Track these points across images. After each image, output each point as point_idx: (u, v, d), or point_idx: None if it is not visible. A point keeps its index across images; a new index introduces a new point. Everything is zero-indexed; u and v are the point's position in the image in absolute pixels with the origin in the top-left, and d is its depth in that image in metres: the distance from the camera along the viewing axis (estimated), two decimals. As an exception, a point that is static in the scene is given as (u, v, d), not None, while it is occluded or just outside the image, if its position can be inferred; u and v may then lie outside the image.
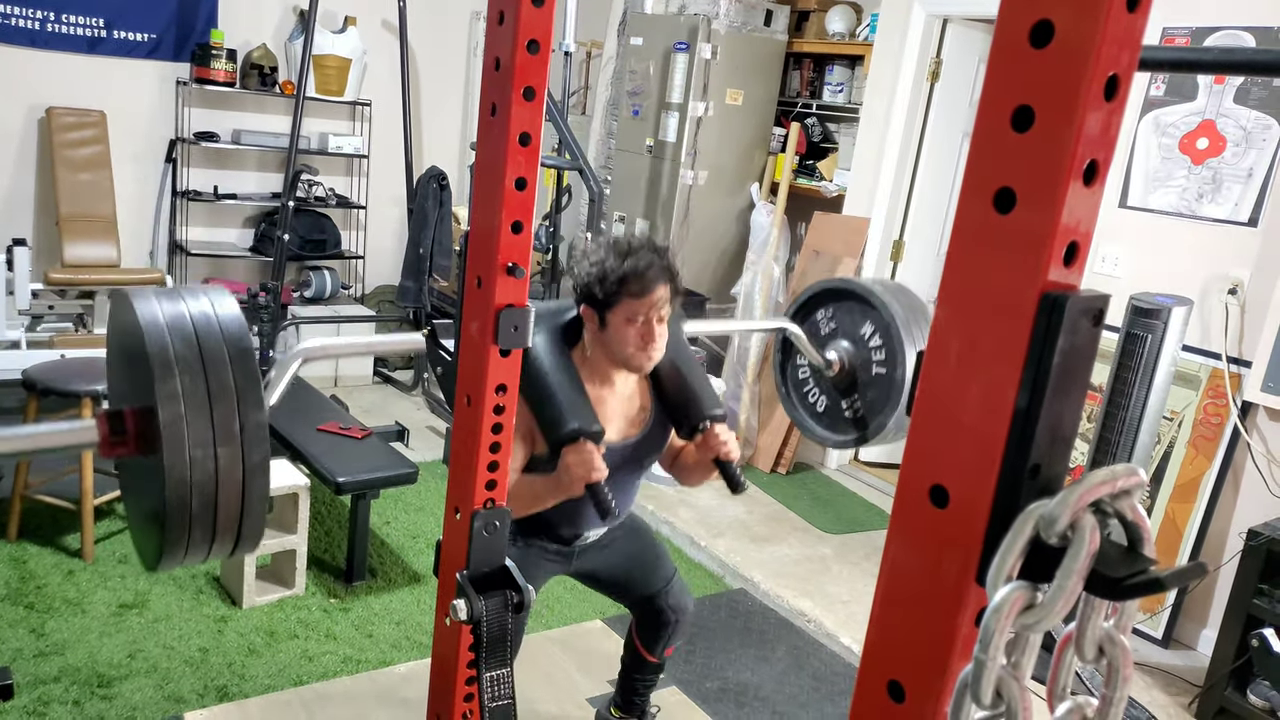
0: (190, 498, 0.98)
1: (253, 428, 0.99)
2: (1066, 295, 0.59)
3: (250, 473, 1.00)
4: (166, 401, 0.95)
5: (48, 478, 3.24)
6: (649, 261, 1.76)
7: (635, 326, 1.78)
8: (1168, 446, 3.29)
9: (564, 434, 1.69)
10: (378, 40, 5.30)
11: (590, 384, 1.83)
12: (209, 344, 1.00)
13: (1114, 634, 0.61)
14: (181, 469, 0.96)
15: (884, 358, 1.91)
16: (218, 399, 0.98)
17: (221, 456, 0.98)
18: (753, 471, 4.49)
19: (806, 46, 4.81)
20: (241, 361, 1.00)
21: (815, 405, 2.10)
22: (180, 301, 1.03)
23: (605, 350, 1.83)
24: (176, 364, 0.97)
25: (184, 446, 0.96)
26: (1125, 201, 3.47)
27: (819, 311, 2.01)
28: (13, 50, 4.47)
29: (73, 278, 4.34)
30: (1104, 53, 0.58)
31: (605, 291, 1.77)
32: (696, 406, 1.89)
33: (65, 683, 2.51)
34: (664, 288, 1.78)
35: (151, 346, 0.97)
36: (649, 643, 2.23)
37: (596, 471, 1.67)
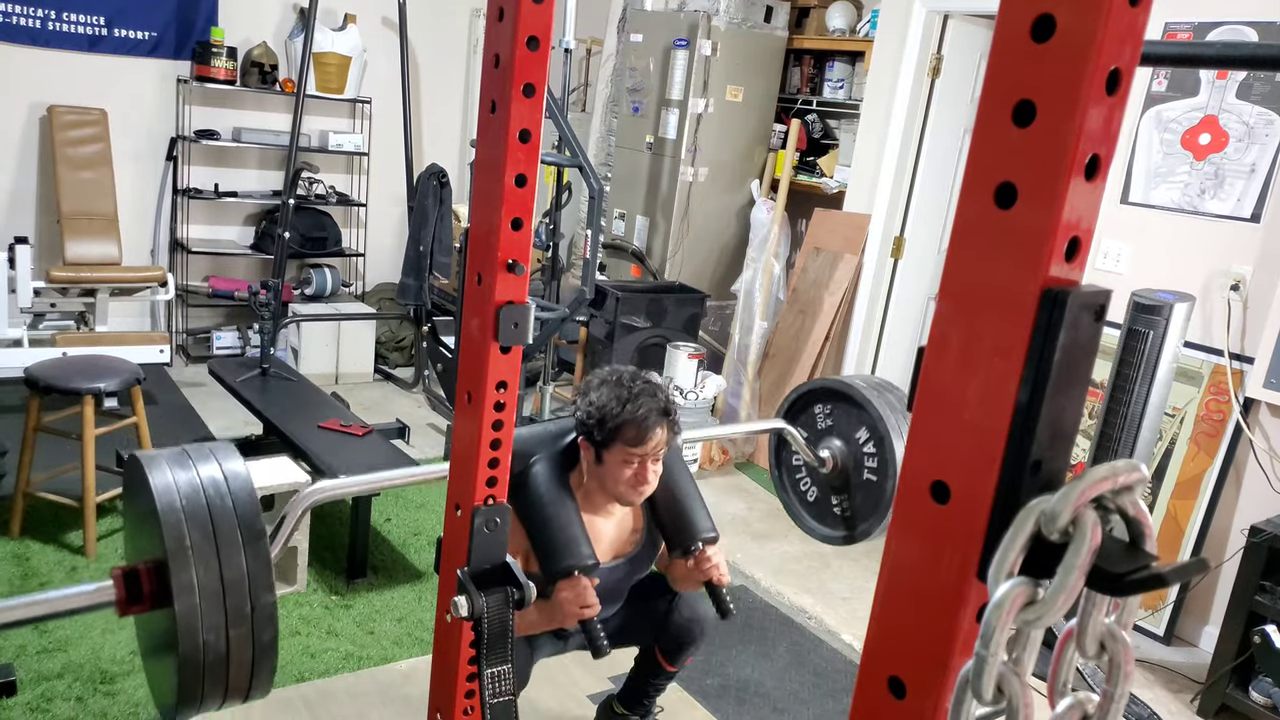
0: (203, 677, 1.05)
1: (262, 609, 1.05)
2: (1068, 290, 0.59)
3: (260, 652, 1.07)
4: (182, 593, 1.01)
5: (50, 474, 3.25)
6: (647, 410, 1.80)
7: (630, 469, 1.83)
8: (1169, 443, 3.29)
9: (559, 569, 1.74)
10: (378, 38, 5.29)
11: (585, 508, 1.89)
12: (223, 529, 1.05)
13: (1115, 630, 0.61)
14: (195, 654, 1.03)
15: (876, 465, 1.94)
16: (231, 587, 1.04)
17: (233, 639, 1.04)
18: (753, 468, 4.49)
19: (807, 43, 4.81)
20: (253, 544, 1.05)
21: (806, 494, 2.12)
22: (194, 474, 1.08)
23: (599, 483, 1.89)
24: (193, 554, 1.03)
25: (198, 634, 1.03)
26: (1127, 197, 3.46)
27: (817, 406, 2.03)
28: (14, 49, 4.47)
29: (74, 275, 4.34)
30: (1106, 47, 0.57)
31: (603, 435, 1.82)
32: (689, 530, 1.94)
33: (68, 679, 2.52)
34: (661, 432, 1.83)
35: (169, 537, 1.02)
36: (671, 655, 2.24)
37: (589, 609, 1.72)
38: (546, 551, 1.77)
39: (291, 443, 3.22)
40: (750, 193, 4.84)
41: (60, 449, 3.33)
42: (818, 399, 2.03)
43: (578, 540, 1.77)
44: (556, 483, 1.85)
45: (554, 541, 1.76)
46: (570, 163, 4.02)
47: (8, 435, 3.48)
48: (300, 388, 3.85)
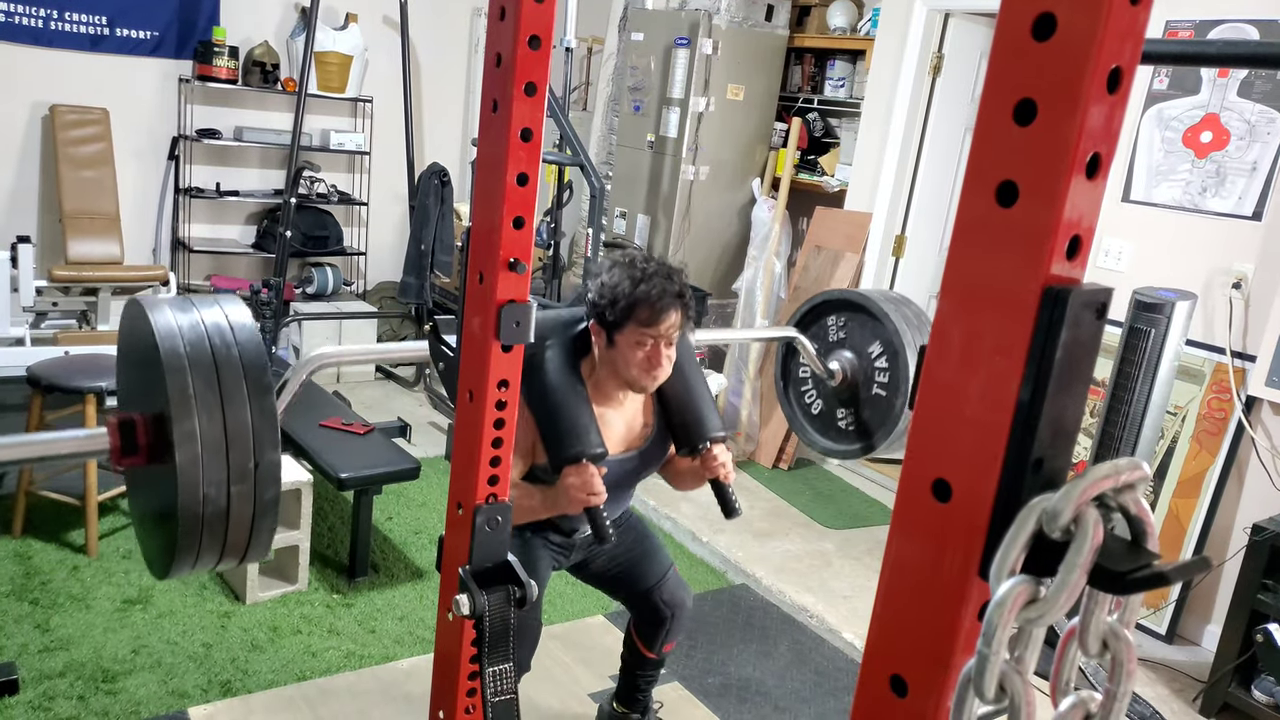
0: (201, 531, 0.99)
1: (266, 467, 1.00)
2: (1069, 289, 0.59)
3: (261, 510, 1.02)
4: (184, 443, 0.95)
5: (52, 473, 3.25)
6: (661, 289, 1.75)
7: (642, 351, 1.77)
8: (1171, 441, 3.29)
9: (567, 455, 1.70)
10: (379, 37, 5.29)
11: (595, 398, 1.84)
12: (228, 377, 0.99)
13: (1118, 628, 0.61)
14: (194, 507, 0.97)
15: (887, 380, 1.90)
16: (234, 441, 0.98)
17: (234, 495, 0.99)
18: (754, 467, 4.49)
19: (808, 41, 4.80)
20: (259, 398, 0.99)
21: (810, 408, 2.09)
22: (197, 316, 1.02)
23: (611, 368, 1.84)
24: (195, 401, 0.96)
25: (198, 487, 0.97)
26: (1128, 196, 3.46)
27: (831, 317, 1.99)
28: (16, 48, 4.47)
29: (76, 275, 4.34)
30: (1106, 45, 0.57)
31: (616, 315, 1.77)
32: (698, 427, 1.90)
33: (70, 678, 2.52)
34: (675, 314, 1.78)
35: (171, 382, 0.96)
36: (648, 639, 2.23)
37: (595, 496, 1.69)
38: (554, 438, 1.72)
39: (293, 441, 3.22)
40: (751, 191, 4.84)
41: (62, 448, 3.33)
42: (832, 310, 1.98)
43: (587, 428, 1.72)
44: (567, 369, 1.79)
45: (562, 428, 1.71)
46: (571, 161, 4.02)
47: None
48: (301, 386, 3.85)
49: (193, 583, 3.03)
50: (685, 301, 1.79)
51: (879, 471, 4.55)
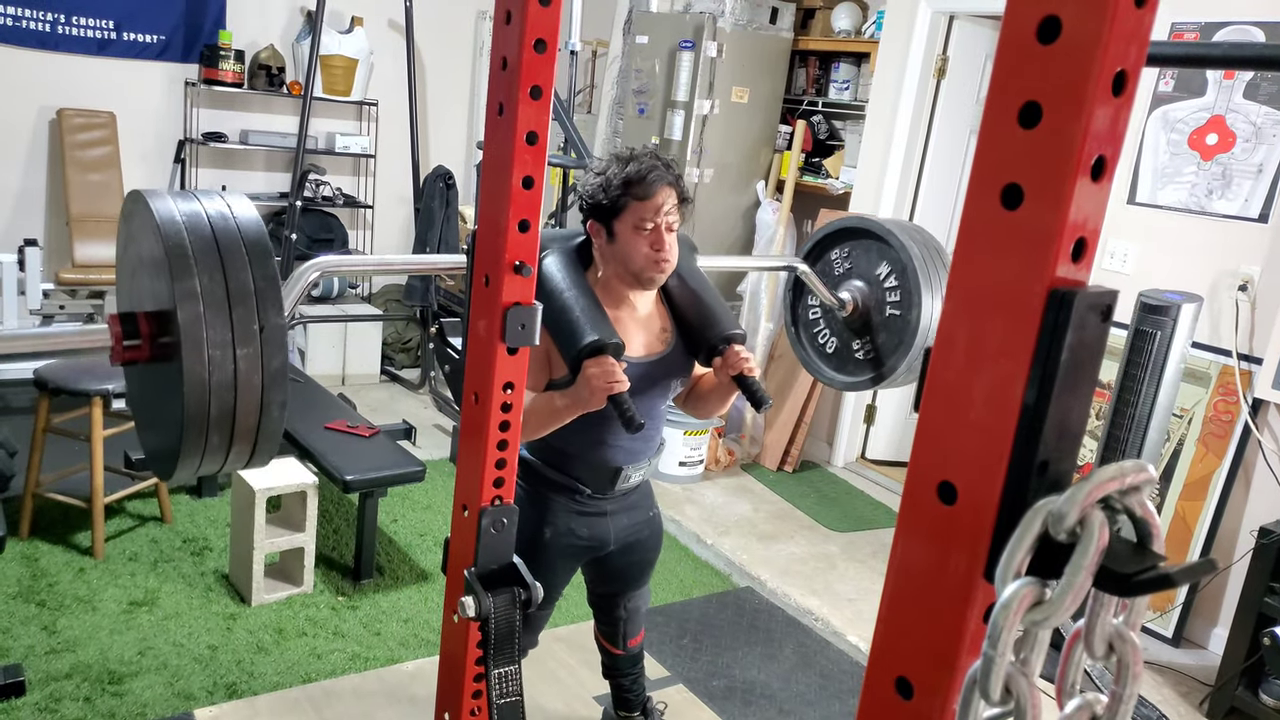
0: (209, 402, 0.94)
1: (272, 330, 0.96)
2: (1074, 291, 0.59)
3: (270, 378, 0.96)
4: (185, 300, 0.91)
5: (59, 475, 3.26)
6: (651, 165, 1.72)
7: (644, 234, 1.72)
8: (1177, 444, 3.28)
9: (583, 347, 1.62)
10: (384, 40, 5.30)
11: (607, 305, 1.76)
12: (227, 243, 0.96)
13: (1124, 631, 0.61)
14: (200, 371, 0.92)
15: (899, 299, 1.88)
16: (237, 300, 0.94)
17: (240, 359, 0.94)
18: (759, 469, 4.49)
19: (812, 44, 4.81)
20: (260, 262, 0.96)
21: (825, 346, 2.06)
22: (196, 202, 1.00)
23: (616, 267, 1.78)
24: (194, 261, 0.93)
25: (203, 348, 0.92)
26: (1134, 198, 3.45)
27: (834, 251, 1.97)
28: (24, 52, 4.49)
29: (83, 278, 4.36)
30: (1111, 48, 0.57)
31: (610, 198, 1.71)
32: (715, 327, 1.83)
33: (77, 679, 2.53)
34: (669, 190, 1.73)
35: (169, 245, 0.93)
36: (609, 637, 2.23)
37: (618, 383, 1.60)
38: (568, 337, 1.65)
39: (298, 443, 3.23)
40: (756, 194, 4.84)
41: (69, 450, 3.35)
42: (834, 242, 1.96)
43: (599, 320, 1.66)
44: (572, 271, 1.74)
45: (575, 324, 1.64)
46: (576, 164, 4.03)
47: (17, 436, 3.49)
48: (307, 389, 3.86)
49: (198, 584, 3.04)
50: (678, 178, 1.76)
51: (884, 474, 4.54)
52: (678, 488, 4.15)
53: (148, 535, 3.29)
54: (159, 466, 1.08)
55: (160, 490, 3.39)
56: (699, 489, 4.18)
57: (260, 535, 2.91)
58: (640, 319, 1.86)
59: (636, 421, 1.59)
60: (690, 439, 4.17)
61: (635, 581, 2.15)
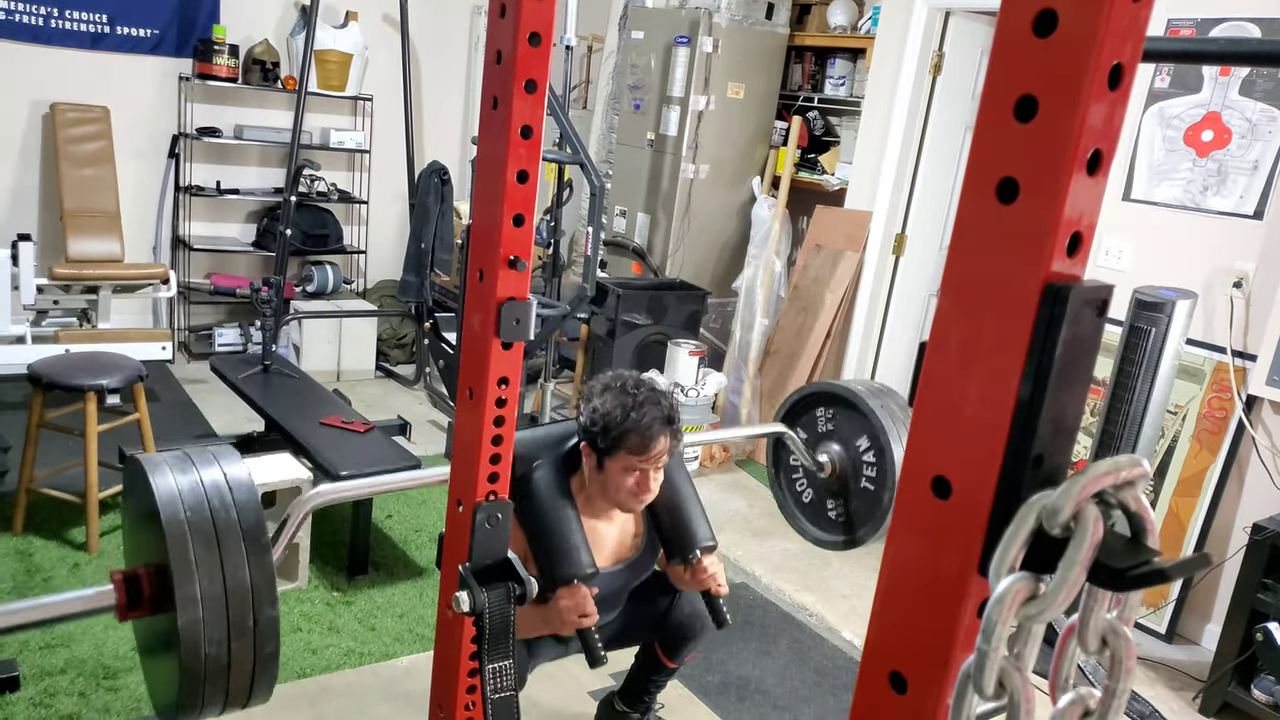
0: (203, 687, 1.04)
1: (265, 623, 1.06)
2: (1069, 286, 0.59)
3: (262, 663, 1.07)
4: (185, 605, 1.01)
5: (53, 471, 3.25)
6: (651, 419, 1.80)
7: (632, 477, 1.83)
8: (1171, 440, 3.29)
9: (559, 577, 1.75)
10: (379, 35, 5.29)
11: (586, 511, 1.89)
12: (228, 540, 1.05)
13: (1117, 625, 0.61)
14: (196, 666, 1.02)
15: (875, 475, 1.94)
16: (234, 601, 1.03)
17: (235, 648, 1.04)
18: (754, 466, 4.49)
19: (808, 40, 4.80)
20: (257, 557, 1.05)
21: (802, 496, 2.13)
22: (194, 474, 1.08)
23: (600, 488, 1.89)
24: (196, 567, 1.02)
25: (200, 647, 1.02)
26: (1129, 194, 3.46)
27: (819, 409, 2.02)
28: (17, 46, 4.47)
29: (77, 273, 4.34)
30: (1108, 42, 0.57)
31: (606, 442, 1.82)
32: (688, 539, 1.95)
33: (71, 675, 2.52)
34: (665, 440, 1.83)
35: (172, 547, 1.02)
36: (671, 652, 2.24)
37: (587, 618, 1.73)
38: (547, 558, 1.77)
39: (293, 439, 3.22)
40: (751, 190, 4.84)
41: (63, 445, 3.33)
42: (820, 403, 2.03)
43: (578, 549, 1.78)
44: (558, 489, 1.85)
45: (554, 549, 1.77)
46: (571, 160, 4.02)
47: (11, 432, 3.48)
48: (302, 384, 3.85)
49: (193, 580, 3.03)
50: (675, 428, 1.85)
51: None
52: (673, 484, 4.14)
53: (142, 531, 3.28)
54: (159, 710, 1.20)
55: (154, 486, 3.37)
56: (694, 485, 4.18)
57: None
58: (616, 525, 1.99)
59: (600, 659, 1.72)
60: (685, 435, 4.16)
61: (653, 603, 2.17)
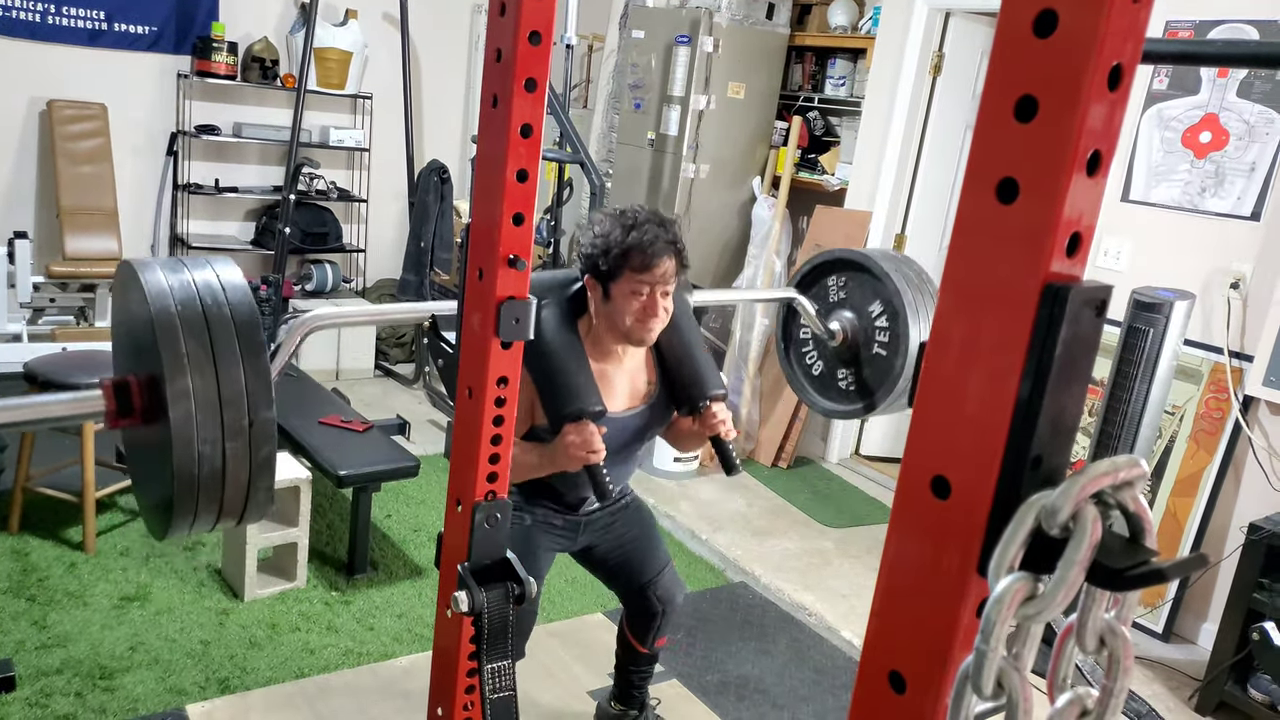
0: (197, 491, 0.99)
1: (261, 424, 1.00)
2: (1069, 286, 0.59)
3: (257, 469, 1.01)
4: (177, 401, 0.95)
5: (49, 470, 3.25)
6: (654, 235, 1.75)
7: (638, 300, 1.76)
8: (1169, 441, 3.29)
9: (565, 413, 1.69)
10: (379, 33, 5.29)
11: (594, 356, 1.82)
12: (221, 339, 1.00)
13: (1115, 625, 0.61)
14: (190, 466, 0.97)
15: (888, 340, 1.90)
16: (229, 402, 0.98)
17: (229, 451, 0.99)
18: (753, 465, 4.49)
19: (809, 40, 4.80)
20: (253, 359, 1.00)
21: (812, 369, 2.09)
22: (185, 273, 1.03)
23: (608, 322, 1.82)
24: (189, 362, 0.97)
25: (193, 445, 0.97)
26: (1128, 195, 3.46)
27: (831, 278, 1.99)
28: (14, 43, 4.47)
29: (74, 270, 4.34)
30: (1108, 43, 0.57)
31: (609, 264, 1.76)
32: (698, 385, 1.88)
33: (67, 674, 2.52)
34: (668, 261, 1.76)
35: (163, 341, 0.97)
36: (639, 634, 2.24)
37: (595, 453, 1.68)
38: (552, 397, 1.71)
39: (292, 438, 3.22)
40: (751, 190, 4.84)
41: (59, 444, 3.33)
42: (832, 270, 1.99)
43: (585, 386, 1.72)
44: (564, 328, 1.78)
45: (560, 387, 1.70)
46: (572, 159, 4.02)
47: (7, 430, 3.48)
48: (300, 384, 3.85)
49: (191, 579, 3.03)
50: (678, 248, 1.78)
51: (879, 471, 4.55)
52: (672, 483, 4.15)
53: (139, 530, 3.28)
54: (152, 522, 1.13)
55: (152, 484, 3.38)
56: (693, 485, 4.18)
57: (253, 530, 2.90)
58: (626, 371, 1.92)
59: (608, 493, 1.69)
60: (684, 434, 4.16)
61: (645, 559, 2.16)
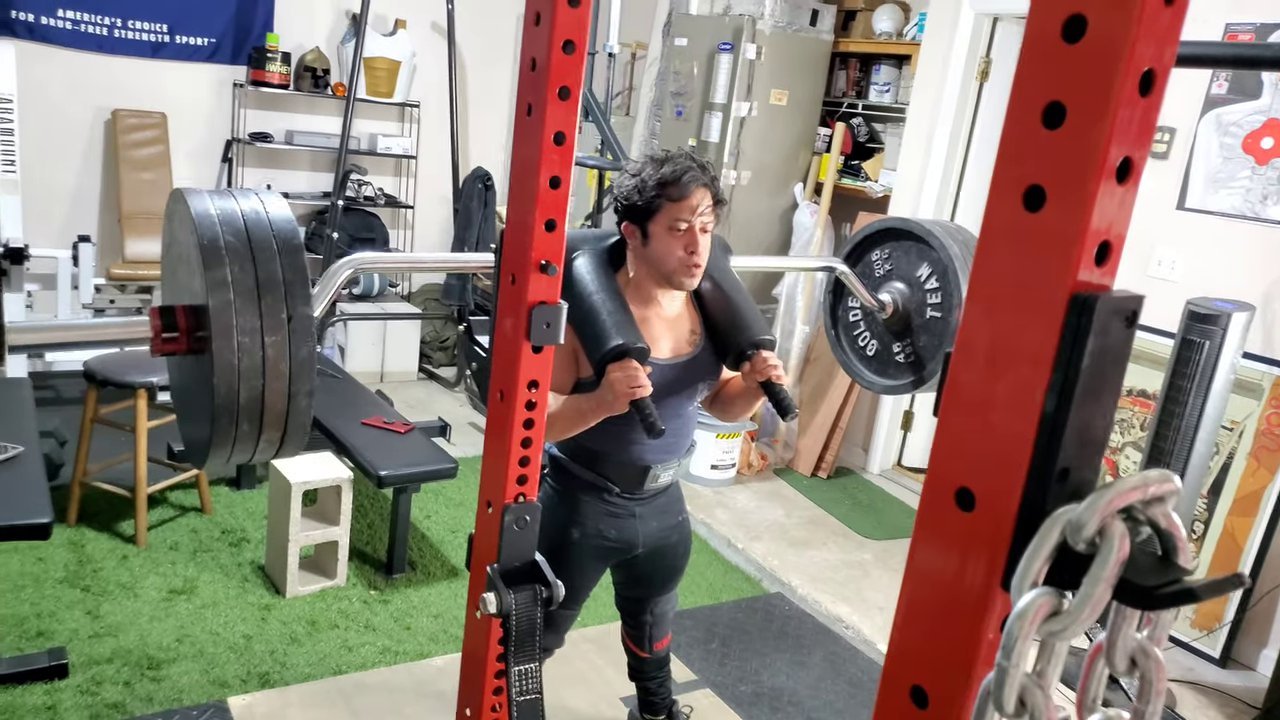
0: (238, 388, 0.98)
1: (300, 320, 0.99)
2: (1097, 295, 0.57)
3: (298, 366, 1.00)
4: (215, 289, 0.96)
5: (105, 465, 3.34)
6: (686, 166, 1.73)
7: (678, 236, 1.73)
8: (1227, 458, 3.19)
9: (608, 351, 1.65)
10: (427, 43, 5.36)
11: (635, 302, 1.78)
12: (259, 237, 1.00)
13: (1147, 646, 0.59)
14: (229, 357, 0.96)
15: (940, 300, 1.87)
16: (266, 290, 0.98)
17: (269, 346, 0.98)
18: (792, 474, 4.46)
19: (853, 46, 4.76)
20: (290, 255, 1.00)
21: (865, 349, 2.05)
22: (232, 200, 1.05)
23: (649, 268, 1.79)
24: (226, 253, 0.97)
25: (232, 335, 0.96)
26: (1183, 203, 3.37)
27: (874, 252, 1.97)
28: (83, 55, 4.62)
29: (133, 273, 4.47)
30: (1139, 47, 0.56)
31: (645, 199, 1.73)
32: (744, 331, 1.83)
33: (117, 664, 2.59)
34: (704, 192, 1.74)
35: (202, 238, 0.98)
36: (635, 640, 2.24)
37: (641, 388, 1.63)
38: (594, 339, 1.67)
39: (334, 438, 3.27)
40: (793, 196, 4.81)
41: (115, 440, 3.43)
42: (874, 244, 1.95)
43: (625, 324, 1.68)
44: (602, 273, 1.76)
45: (601, 328, 1.67)
46: (612, 166, 4.04)
47: (69, 426, 3.59)
48: (344, 385, 3.91)
49: (235, 575, 3.09)
50: (713, 182, 1.76)
51: (920, 482, 4.47)
52: (709, 491, 4.13)
53: (188, 525, 3.36)
54: (195, 455, 1.13)
55: (201, 481, 3.46)
56: (731, 493, 4.16)
57: (296, 528, 2.95)
58: (669, 320, 1.87)
59: (657, 427, 1.62)
60: (723, 442, 4.15)
61: (663, 587, 2.15)
